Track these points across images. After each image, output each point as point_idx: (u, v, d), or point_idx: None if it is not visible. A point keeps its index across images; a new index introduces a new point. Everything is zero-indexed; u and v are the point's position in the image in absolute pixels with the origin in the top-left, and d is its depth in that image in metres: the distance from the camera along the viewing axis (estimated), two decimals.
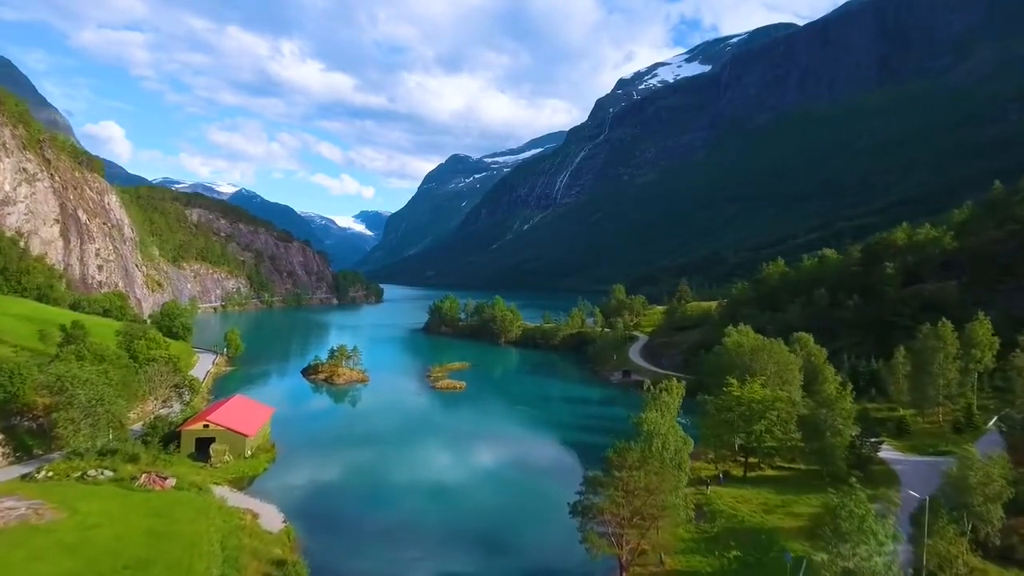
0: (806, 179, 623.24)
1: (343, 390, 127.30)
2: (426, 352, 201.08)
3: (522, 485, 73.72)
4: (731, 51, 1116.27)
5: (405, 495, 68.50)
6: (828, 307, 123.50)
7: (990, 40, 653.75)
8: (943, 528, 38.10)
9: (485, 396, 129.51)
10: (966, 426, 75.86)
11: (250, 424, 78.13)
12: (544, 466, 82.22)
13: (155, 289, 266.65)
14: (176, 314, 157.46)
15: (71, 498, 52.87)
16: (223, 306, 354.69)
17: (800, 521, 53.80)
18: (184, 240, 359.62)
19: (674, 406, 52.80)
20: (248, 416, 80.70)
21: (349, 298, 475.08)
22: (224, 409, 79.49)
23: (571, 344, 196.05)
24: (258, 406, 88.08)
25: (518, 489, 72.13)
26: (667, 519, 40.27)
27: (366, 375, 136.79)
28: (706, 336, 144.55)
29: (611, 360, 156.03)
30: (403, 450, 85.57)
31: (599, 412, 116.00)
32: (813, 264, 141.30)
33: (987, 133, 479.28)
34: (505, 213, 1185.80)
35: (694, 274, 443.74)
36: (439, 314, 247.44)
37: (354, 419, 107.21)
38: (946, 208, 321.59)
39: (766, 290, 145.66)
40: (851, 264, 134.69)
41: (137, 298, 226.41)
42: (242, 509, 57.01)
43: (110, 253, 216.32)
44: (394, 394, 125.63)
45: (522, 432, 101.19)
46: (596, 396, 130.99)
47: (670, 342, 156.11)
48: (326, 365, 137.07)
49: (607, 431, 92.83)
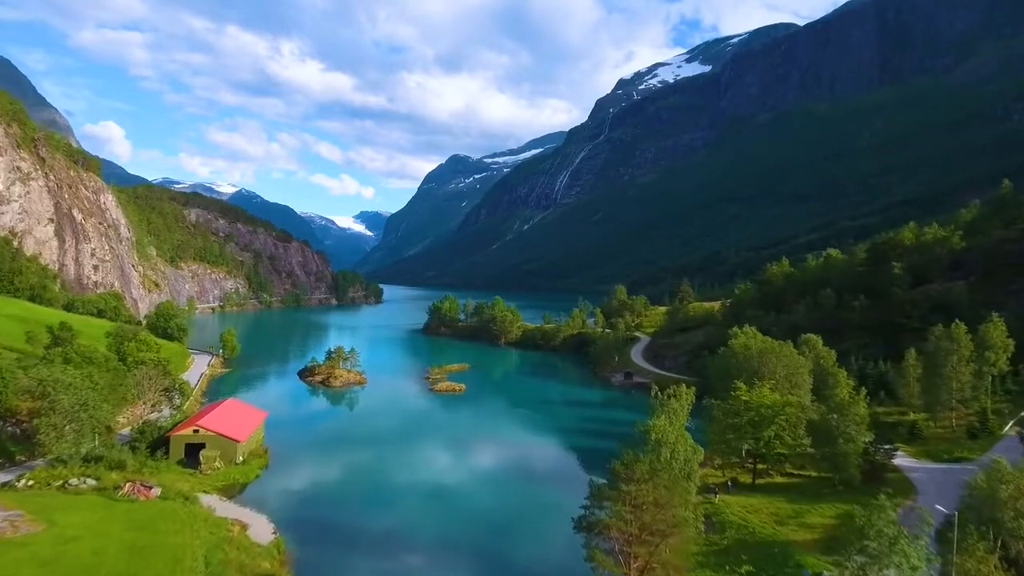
0: (807, 179, 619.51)
1: (340, 392, 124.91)
2: (425, 353, 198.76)
3: (523, 492, 71.35)
4: (731, 51, 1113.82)
5: (401, 502, 66.18)
6: (835, 308, 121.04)
7: (992, 40, 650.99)
8: (973, 545, 35.67)
9: (485, 398, 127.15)
10: (981, 431, 73.45)
11: (242, 429, 75.70)
12: (545, 472, 79.83)
13: (152, 289, 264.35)
14: (171, 315, 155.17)
15: (50, 509, 50.41)
16: (221, 306, 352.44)
17: (814, 533, 51.39)
18: (182, 240, 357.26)
19: (683, 413, 50.35)
20: (240, 420, 78.26)
21: (348, 298, 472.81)
22: (215, 413, 77.04)
23: (572, 345, 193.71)
24: (251, 410, 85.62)
25: (519, 497, 69.77)
26: (678, 535, 37.82)
27: (364, 377, 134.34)
28: (709, 337, 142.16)
29: (613, 362, 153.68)
30: (400, 455, 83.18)
31: (601, 415, 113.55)
32: (818, 264, 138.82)
33: (990, 133, 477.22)
34: (505, 213, 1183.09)
35: (695, 274, 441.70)
36: (438, 315, 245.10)
37: (350, 422, 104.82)
38: (949, 208, 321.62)
39: (770, 290, 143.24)
40: (857, 264, 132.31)
41: (133, 299, 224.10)
42: (230, 519, 54.54)
43: (106, 253, 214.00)
44: (392, 396, 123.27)
45: (522, 436, 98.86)
46: (597, 398, 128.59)
47: (672, 343, 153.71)
48: (323, 367, 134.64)
49: (609, 435, 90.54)
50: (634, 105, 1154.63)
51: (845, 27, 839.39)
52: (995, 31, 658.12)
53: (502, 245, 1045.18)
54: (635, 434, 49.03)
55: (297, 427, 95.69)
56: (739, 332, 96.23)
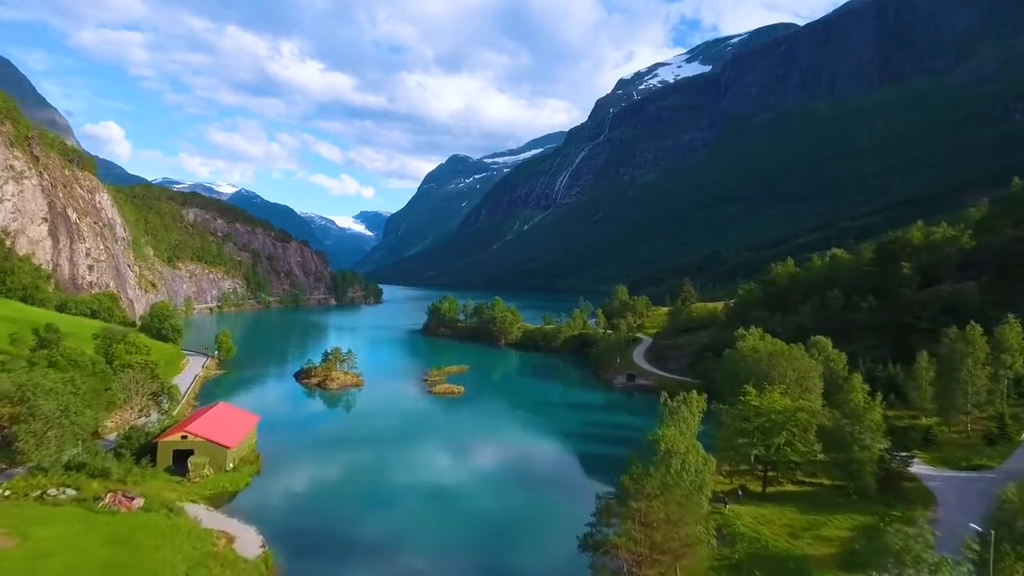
0: (807, 179, 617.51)
1: (336, 395, 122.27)
2: (424, 354, 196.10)
3: (524, 500, 68.69)
4: (731, 51, 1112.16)
5: (397, 509, 63.59)
6: (842, 309, 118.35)
7: (992, 39, 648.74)
8: (1010, 567, 33.03)
9: (484, 401, 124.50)
10: (1000, 437, 70.79)
11: (232, 434, 73.03)
12: (548, 478, 77.10)
13: (149, 290, 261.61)
14: (166, 316, 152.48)
15: (25, 522, 47.73)
16: (219, 307, 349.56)
17: (831, 547, 48.68)
18: (180, 240, 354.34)
19: (694, 421, 47.67)
20: (230, 426, 75.56)
21: (348, 298, 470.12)
22: (204, 418, 74.40)
23: (573, 346, 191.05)
24: (242, 414, 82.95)
25: (520, 504, 67.09)
26: (692, 555, 35.17)
27: (361, 379, 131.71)
28: (713, 339, 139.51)
29: (615, 363, 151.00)
30: (396, 460, 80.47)
31: (603, 419, 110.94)
32: (824, 264, 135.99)
33: (990, 133, 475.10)
34: (505, 213, 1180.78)
35: (695, 274, 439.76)
36: (438, 315, 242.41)
37: (346, 426, 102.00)
38: (950, 208, 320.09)
39: (775, 291, 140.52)
40: (864, 264, 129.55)
41: (129, 299, 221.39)
42: (216, 532, 51.89)
43: (101, 253, 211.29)
44: (389, 399, 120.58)
45: (523, 440, 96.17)
46: (600, 401, 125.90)
47: (675, 344, 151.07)
48: (319, 369, 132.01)
49: (613, 439, 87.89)
50: (634, 105, 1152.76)
51: (845, 27, 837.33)
52: (995, 31, 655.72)
53: (502, 245, 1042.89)
54: (643, 443, 46.34)
55: (291, 431, 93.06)
56: (746, 334, 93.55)
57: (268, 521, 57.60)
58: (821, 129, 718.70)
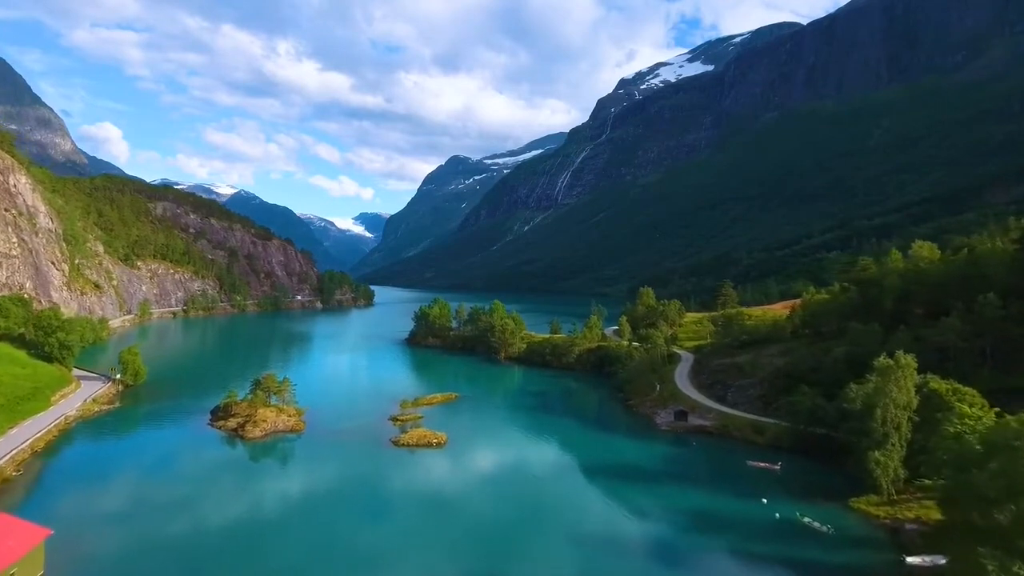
0: (815, 178, 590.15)
1: (256, 448, 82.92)
2: (404, 373, 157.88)
3: None
4: (735, 50, 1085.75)
5: None
6: (1001, 320, 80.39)
7: (1002, 36, 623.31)
8: None
9: (473, 457, 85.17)
10: None
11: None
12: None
13: (88, 292, 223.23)
14: (53, 328, 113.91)
15: None
16: (185, 311, 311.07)
17: None
18: (141, 236, 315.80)
19: None
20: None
21: (335, 301, 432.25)
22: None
23: (590, 362, 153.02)
24: (15, 529, 44.67)
25: None
26: None
27: (302, 419, 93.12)
28: (794, 361, 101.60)
29: (652, 391, 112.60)
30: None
31: (659, 493, 71.98)
32: (961, 258, 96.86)
33: (1003, 130, 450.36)
34: (505, 214, 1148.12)
35: (705, 275, 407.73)
36: (425, 322, 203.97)
37: (228, 535, 58.04)
38: (976, 206, 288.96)
39: (874, 294, 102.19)
40: (1014, 256, 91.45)
41: (52, 302, 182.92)
42: None
43: (12, 247, 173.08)
44: (330, 459, 79.25)
45: (530, 548, 57.55)
46: (646, 458, 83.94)
47: (735, 366, 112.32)
48: (244, 404, 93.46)
49: (684, 537, 49.17)
50: (636, 105, 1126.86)
51: (851, 25, 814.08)
52: (1006, 27, 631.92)
53: (502, 246, 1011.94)
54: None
55: (136, 534, 54.15)
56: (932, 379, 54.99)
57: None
58: (828, 128, 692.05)
